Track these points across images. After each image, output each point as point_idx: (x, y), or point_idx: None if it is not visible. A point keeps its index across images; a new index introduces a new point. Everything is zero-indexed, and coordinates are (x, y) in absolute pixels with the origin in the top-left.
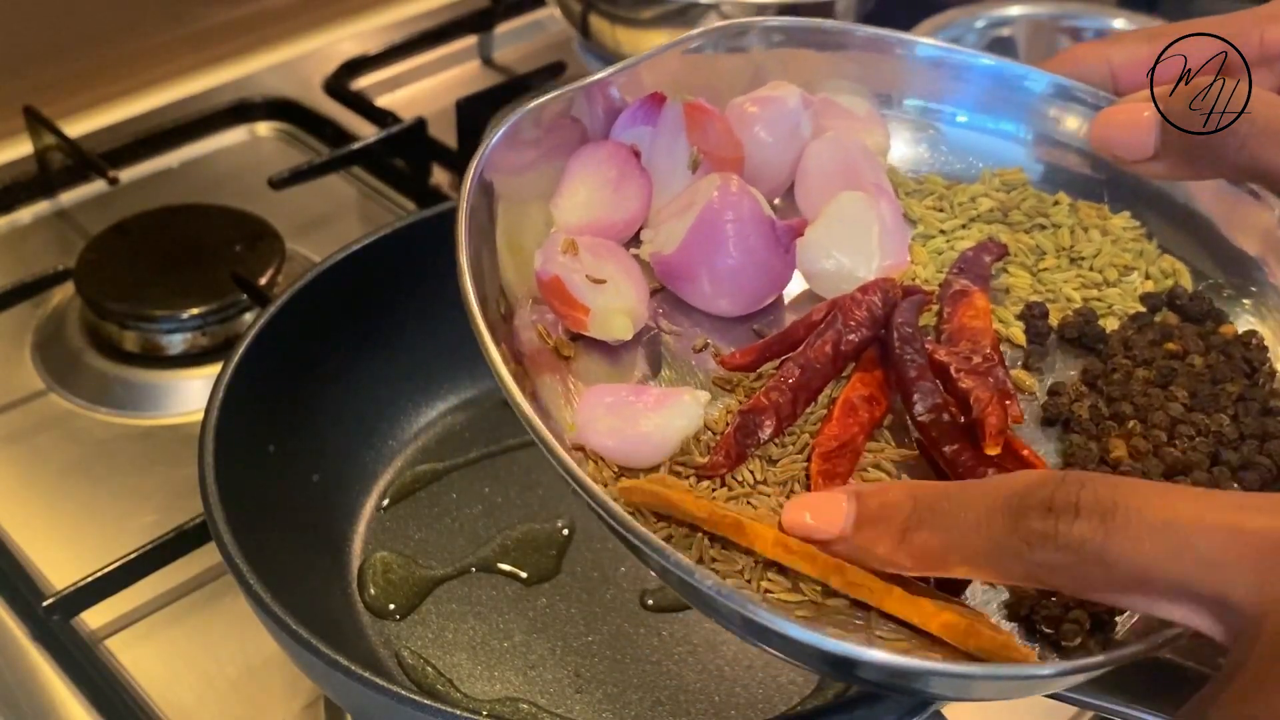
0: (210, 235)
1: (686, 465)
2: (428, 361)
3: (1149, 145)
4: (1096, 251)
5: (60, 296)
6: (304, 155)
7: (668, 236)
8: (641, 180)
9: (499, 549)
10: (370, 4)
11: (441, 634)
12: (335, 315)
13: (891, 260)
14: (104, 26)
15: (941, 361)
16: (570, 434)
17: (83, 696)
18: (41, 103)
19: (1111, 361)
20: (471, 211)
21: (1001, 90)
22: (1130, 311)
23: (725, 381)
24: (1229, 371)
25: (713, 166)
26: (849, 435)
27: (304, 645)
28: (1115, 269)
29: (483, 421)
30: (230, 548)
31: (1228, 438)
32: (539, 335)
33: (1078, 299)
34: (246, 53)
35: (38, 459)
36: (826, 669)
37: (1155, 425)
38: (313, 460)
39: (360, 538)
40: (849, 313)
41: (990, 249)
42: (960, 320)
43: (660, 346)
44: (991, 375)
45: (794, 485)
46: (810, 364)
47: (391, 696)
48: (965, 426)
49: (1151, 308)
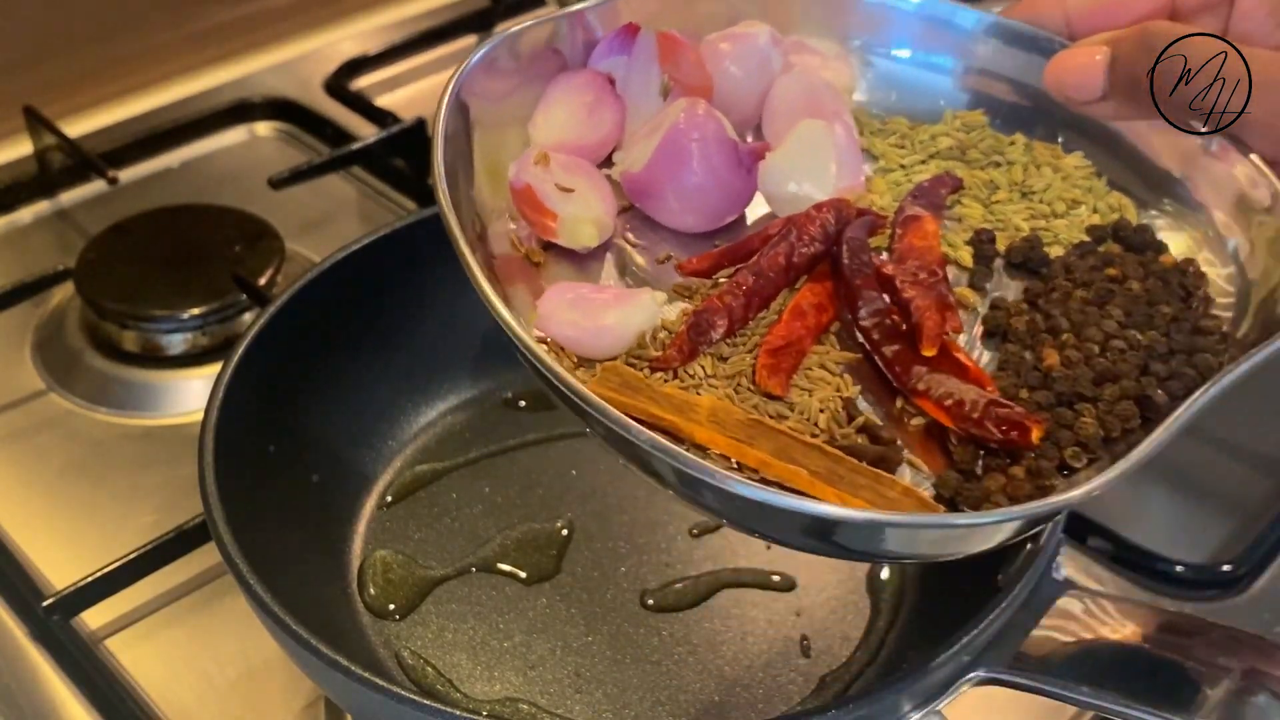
0: (210, 235)
1: (641, 359)
2: (428, 361)
3: (1099, 87)
4: (1047, 186)
5: (60, 296)
6: (304, 155)
7: (637, 156)
8: (615, 105)
9: (499, 549)
10: (370, 4)
11: (441, 634)
12: (335, 315)
13: (846, 184)
14: (104, 26)
15: (887, 274)
16: (533, 323)
17: (82, 696)
18: (41, 103)
19: (1052, 283)
20: (448, 132)
21: (953, 34)
22: (1076, 241)
23: (684, 289)
24: (1165, 295)
25: (683, 94)
26: (795, 336)
27: (304, 645)
28: (1064, 202)
29: (483, 421)
30: (230, 548)
31: (1157, 352)
32: (512, 244)
33: (1026, 228)
34: (246, 52)
35: (38, 459)
36: (770, 530)
37: (1089, 339)
38: (312, 460)
39: (360, 538)
40: (803, 227)
41: (946, 181)
42: (910, 241)
43: (627, 258)
44: (934, 289)
45: (741, 379)
46: (764, 271)
47: (391, 696)
48: (906, 332)
49: (1096, 239)
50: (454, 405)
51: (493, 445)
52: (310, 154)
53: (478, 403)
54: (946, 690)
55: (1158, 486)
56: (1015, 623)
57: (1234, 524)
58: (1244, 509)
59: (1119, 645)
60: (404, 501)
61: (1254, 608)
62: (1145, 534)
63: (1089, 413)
